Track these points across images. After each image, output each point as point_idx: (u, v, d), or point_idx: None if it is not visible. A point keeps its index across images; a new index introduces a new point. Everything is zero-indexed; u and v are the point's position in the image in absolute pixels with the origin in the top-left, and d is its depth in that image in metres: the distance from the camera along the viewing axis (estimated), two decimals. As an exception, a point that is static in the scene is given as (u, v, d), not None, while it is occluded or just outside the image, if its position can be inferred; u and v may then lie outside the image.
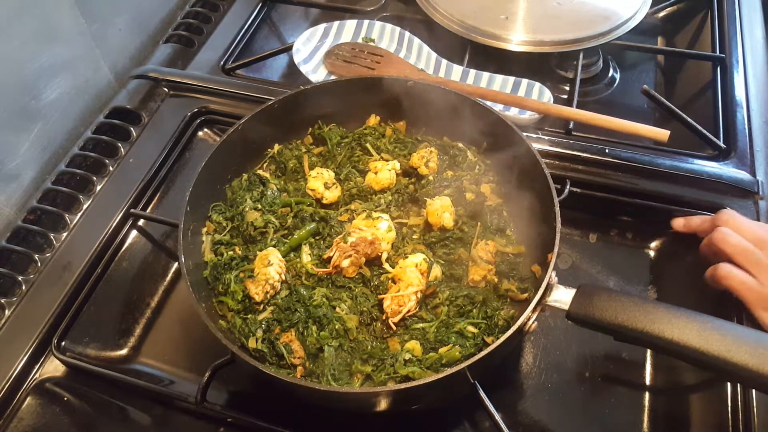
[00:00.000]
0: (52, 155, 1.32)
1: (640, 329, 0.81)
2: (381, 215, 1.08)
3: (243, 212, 1.09)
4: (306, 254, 1.06)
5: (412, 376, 0.90)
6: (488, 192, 1.14)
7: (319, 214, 1.11)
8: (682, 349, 0.79)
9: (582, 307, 0.86)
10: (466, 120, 1.15)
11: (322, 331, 0.95)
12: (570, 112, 1.25)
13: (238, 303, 0.99)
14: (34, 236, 1.17)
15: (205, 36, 1.55)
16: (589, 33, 1.40)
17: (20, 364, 1.02)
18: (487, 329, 0.95)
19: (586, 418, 1.00)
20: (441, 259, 1.06)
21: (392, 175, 1.15)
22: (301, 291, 1.00)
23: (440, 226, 1.07)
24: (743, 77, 1.37)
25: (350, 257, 1.00)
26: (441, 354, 0.92)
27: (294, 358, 0.92)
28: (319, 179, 1.14)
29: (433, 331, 0.96)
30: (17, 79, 1.20)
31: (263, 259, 1.00)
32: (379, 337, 0.98)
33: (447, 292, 1.01)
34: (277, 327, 0.96)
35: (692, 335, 0.79)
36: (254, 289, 0.98)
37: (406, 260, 1.01)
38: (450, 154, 1.18)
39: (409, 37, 1.47)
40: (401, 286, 0.97)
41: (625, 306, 0.83)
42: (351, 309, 0.99)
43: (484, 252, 1.03)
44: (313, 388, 0.84)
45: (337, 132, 1.23)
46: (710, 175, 1.17)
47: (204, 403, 0.94)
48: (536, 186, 1.04)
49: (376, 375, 0.92)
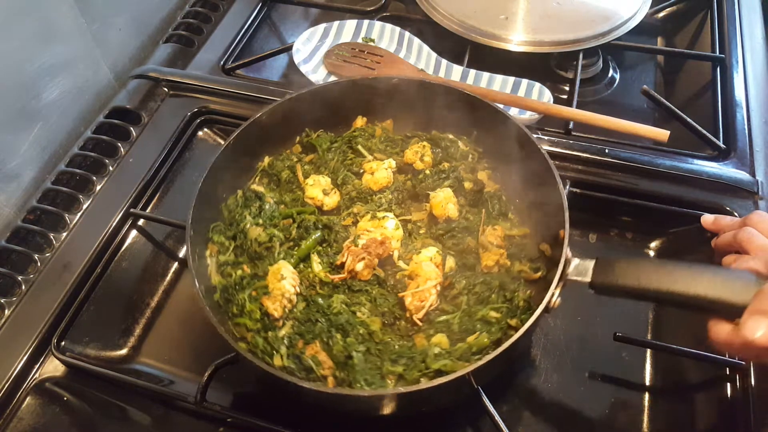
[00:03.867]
0: (52, 155, 1.32)
1: (665, 289, 0.82)
2: (386, 214, 1.07)
3: (244, 229, 1.06)
4: (316, 263, 1.04)
5: (445, 369, 0.89)
6: (486, 179, 1.15)
7: (322, 221, 1.09)
8: (710, 303, 0.80)
9: (604, 276, 0.87)
10: (453, 110, 1.16)
11: (348, 338, 0.93)
12: (570, 112, 1.25)
13: (257, 322, 0.96)
14: (34, 236, 1.17)
15: (205, 36, 1.55)
16: (589, 33, 1.40)
17: (20, 364, 1.02)
18: (509, 312, 0.96)
19: (586, 418, 1.00)
20: (451, 250, 1.06)
21: (389, 174, 1.14)
22: (318, 301, 0.98)
23: (446, 218, 1.08)
24: (743, 77, 1.37)
25: (363, 260, 0.99)
26: (470, 343, 0.92)
27: (323, 370, 0.90)
28: (316, 186, 1.12)
29: (457, 322, 0.96)
30: (17, 79, 1.20)
31: (276, 274, 0.97)
32: (405, 336, 0.97)
33: (463, 281, 1.01)
34: (300, 340, 0.94)
35: (717, 288, 0.79)
36: (272, 306, 0.95)
37: (420, 255, 1.01)
38: (442, 146, 1.18)
39: (409, 37, 1.47)
40: (419, 282, 0.97)
41: (646, 269, 0.84)
42: (371, 311, 0.98)
43: (493, 237, 1.04)
44: (319, 390, 0.84)
45: (325, 138, 1.22)
46: (710, 176, 1.17)
47: (204, 402, 0.94)
48: (532, 164, 1.05)
49: (408, 374, 0.90)
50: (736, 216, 1.08)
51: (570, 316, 1.08)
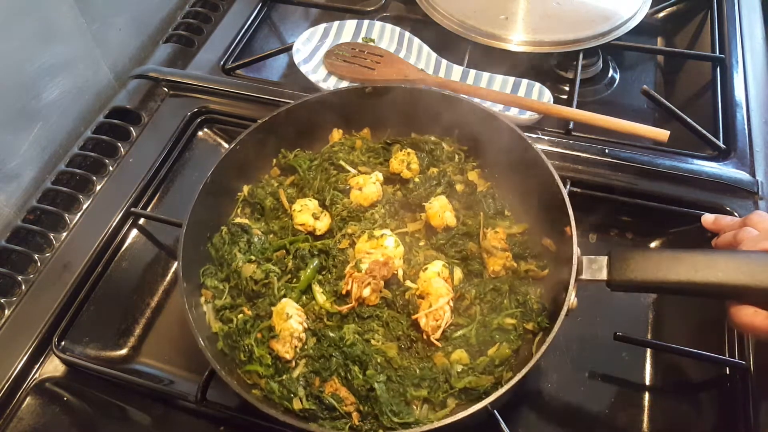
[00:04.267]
0: (52, 155, 1.32)
1: (685, 280, 0.81)
2: (383, 232, 1.03)
3: (237, 269, 1.01)
4: (319, 294, 1.00)
5: (470, 386, 0.89)
6: (476, 178, 1.14)
7: (317, 247, 1.04)
8: (732, 290, 0.79)
9: (621, 273, 0.85)
10: (429, 110, 1.14)
11: (368, 371, 0.90)
12: (570, 112, 1.25)
13: (269, 367, 0.92)
14: (34, 236, 1.17)
15: (205, 36, 1.55)
16: (589, 33, 1.40)
17: (20, 364, 1.02)
18: (524, 316, 0.95)
19: (586, 418, 1.00)
20: (455, 258, 1.05)
21: (378, 188, 1.10)
22: (329, 334, 0.94)
23: (444, 226, 1.06)
24: (743, 77, 1.37)
25: (369, 285, 0.95)
26: (491, 356, 0.92)
27: (346, 406, 0.88)
28: (305, 212, 1.07)
29: (474, 335, 0.95)
30: (17, 79, 1.20)
31: (281, 314, 0.93)
32: (423, 357, 0.95)
33: (473, 290, 1.00)
34: (317, 378, 0.91)
35: (737, 273, 0.79)
36: (282, 349, 0.91)
37: (427, 272, 0.98)
38: (426, 150, 1.16)
39: (409, 37, 1.47)
40: (431, 300, 0.94)
41: (662, 261, 0.83)
42: (386, 336, 0.95)
43: (496, 241, 1.03)
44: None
45: (304, 157, 1.17)
46: (710, 176, 1.17)
47: (204, 401, 0.94)
48: (519, 154, 1.04)
49: (433, 396, 0.89)
50: (736, 216, 1.08)
51: (570, 317, 1.08)
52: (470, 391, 0.90)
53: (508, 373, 0.92)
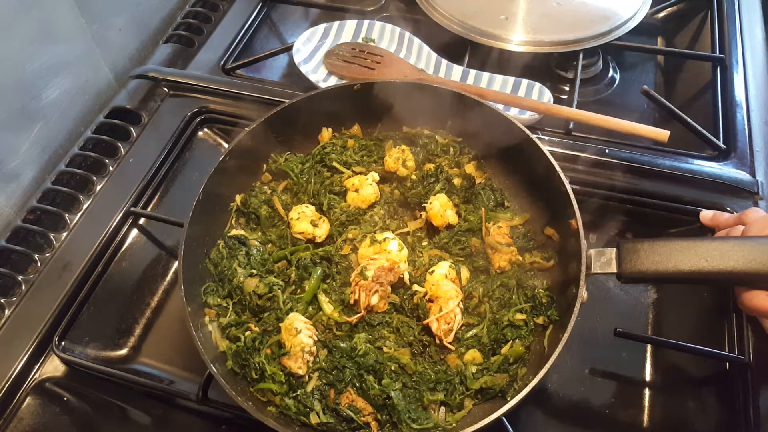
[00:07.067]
0: (52, 155, 1.32)
1: (697, 269, 0.80)
2: (386, 235, 1.01)
3: (239, 284, 0.98)
4: (326, 304, 0.98)
5: (486, 386, 0.89)
6: (473, 170, 1.13)
7: (318, 255, 1.03)
8: (744, 276, 0.80)
9: (631, 265, 0.84)
10: (418, 103, 1.13)
11: (383, 380, 0.89)
12: (570, 112, 1.25)
13: (282, 384, 0.90)
14: (34, 236, 1.17)
15: (205, 36, 1.55)
16: (589, 33, 1.40)
17: (20, 364, 1.02)
18: (534, 310, 0.95)
19: (586, 417, 1.00)
20: (459, 256, 1.04)
21: (375, 188, 1.09)
22: (341, 345, 0.93)
23: (446, 225, 1.05)
24: (743, 77, 1.37)
25: (377, 292, 0.94)
26: (505, 354, 0.92)
27: (363, 417, 0.87)
28: (303, 220, 1.05)
29: (485, 334, 0.94)
30: (17, 79, 1.20)
31: (290, 330, 0.91)
32: (437, 360, 0.94)
33: (480, 288, 1.00)
34: (331, 390, 0.90)
35: (748, 260, 0.79)
36: (295, 365, 0.90)
37: (434, 275, 0.97)
38: (420, 144, 1.15)
39: (409, 37, 1.47)
40: (441, 303, 0.93)
41: (672, 251, 0.82)
42: (397, 342, 0.94)
43: (500, 236, 1.02)
44: None
45: (295, 160, 1.14)
46: (710, 176, 1.17)
47: (206, 400, 0.93)
48: (512, 140, 1.04)
49: (450, 399, 0.89)
50: None
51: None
52: (486, 391, 0.90)
53: (523, 369, 0.92)
